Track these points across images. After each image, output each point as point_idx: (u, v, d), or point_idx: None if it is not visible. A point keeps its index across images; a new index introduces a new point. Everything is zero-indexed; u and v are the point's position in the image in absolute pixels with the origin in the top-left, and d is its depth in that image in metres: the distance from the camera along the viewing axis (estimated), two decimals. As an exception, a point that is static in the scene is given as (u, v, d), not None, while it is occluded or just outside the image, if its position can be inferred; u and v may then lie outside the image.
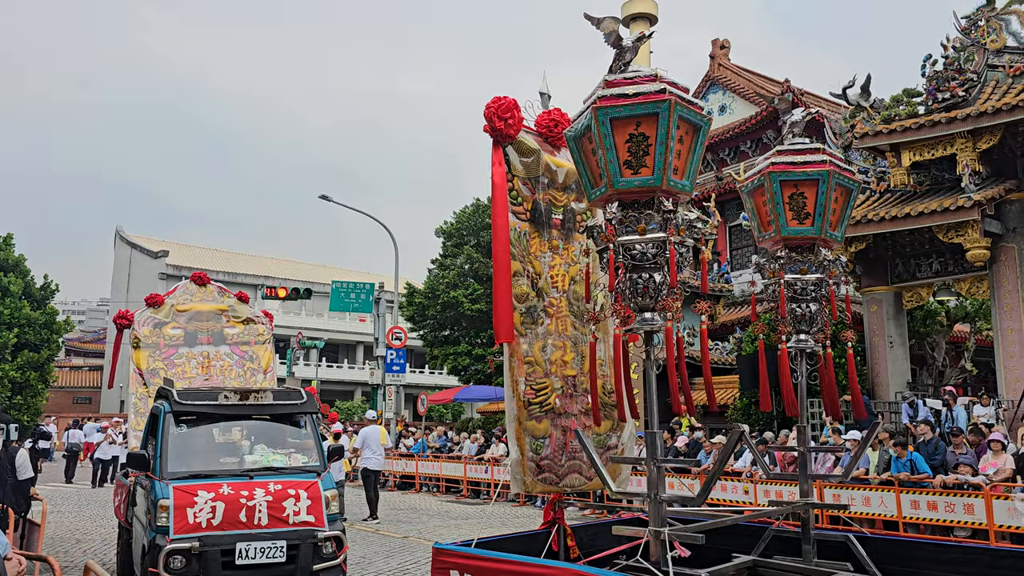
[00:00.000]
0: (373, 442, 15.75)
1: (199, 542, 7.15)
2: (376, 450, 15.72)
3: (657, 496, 3.81)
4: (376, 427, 16.40)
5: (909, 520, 11.11)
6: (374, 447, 15.71)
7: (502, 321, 4.78)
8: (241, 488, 7.52)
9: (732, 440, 3.73)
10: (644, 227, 3.82)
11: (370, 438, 15.80)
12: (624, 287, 3.87)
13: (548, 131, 5.38)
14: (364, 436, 15.98)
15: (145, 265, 53.10)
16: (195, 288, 11.64)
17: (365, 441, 15.84)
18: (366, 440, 15.83)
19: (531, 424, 5.10)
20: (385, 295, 27.14)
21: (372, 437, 15.82)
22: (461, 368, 32.82)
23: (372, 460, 15.58)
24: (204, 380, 10.71)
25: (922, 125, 14.89)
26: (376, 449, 15.73)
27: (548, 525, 5.34)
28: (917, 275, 16.36)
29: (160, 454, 7.83)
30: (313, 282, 48.56)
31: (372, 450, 15.64)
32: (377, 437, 15.92)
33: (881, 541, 5.01)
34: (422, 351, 40.64)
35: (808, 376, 5.19)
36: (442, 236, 35.77)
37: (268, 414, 8.56)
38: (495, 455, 19.40)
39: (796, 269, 4.95)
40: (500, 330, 4.77)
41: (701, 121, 3.88)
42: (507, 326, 4.82)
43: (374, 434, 15.92)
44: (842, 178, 4.80)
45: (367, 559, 11.05)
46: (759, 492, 13.04)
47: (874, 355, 16.61)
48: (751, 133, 28.36)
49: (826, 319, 5.09)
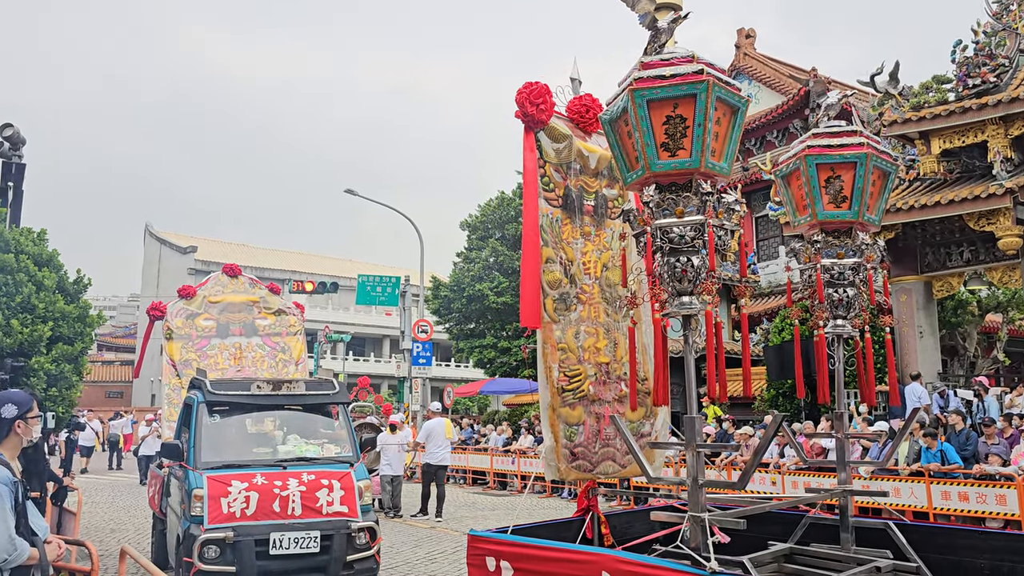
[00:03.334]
0: (438, 436, 14.57)
1: (233, 532, 7.21)
2: (441, 444, 14.57)
3: (697, 481, 3.78)
4: (441, 420, 15.10)
5: (940, 511, 10.99)
6: (439, 441, 14.55)
7: (528, 306, 4.77)
8: (275, 478, 7.58)
9: (774, 425, 3.70)
10: (682, 210, 3.79)
11: (435, 432, 14.60)
12: (662, 271, 3.84)
13: (580, 117, 5.36)
14: (429, 429, 14.76)
15: (174, 260, 53.75)
16: (227, 280, 11.74)
17: (430, 435, 14.63)
18: (431, 434, 14.63)
19: (565, 411, 5.09)
20: (411, 288, 27.22)
21: (437, 431, 14.61)
22: (487, 361, 32.84)
23: (437, 454, 14.48)
24: (236, 371, 10.81)
25: (952, 112, 14.67)
26: (441, 443, 14.57)
27: (582, 512, 5.33)
28: (947, 264, 16.12)
29: (194, 444, 7.90)
30: (339, 276, 48.72)
31: (437, 444, 14.52)
32: (442, 431, 14.69)
33: (922, 529, 4.95)
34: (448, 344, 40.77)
35: (845, 362, 5.13)
36: (467, 229, 35.77)
37: (300, 404, 8.61)
38: (522, 447, 19.43)
39: (833, 254, 4.89)
40: (526, 315, 4.75)
41: (739, 102, 3.84)
42: (533, 311, 4.80)
43: (439, 427, 14.68)
44: (880, 161, 4.73)
45: (395, 548, 11.11)
46: (787, 483, 12.95)
47: (904, 345, 16.40)
48: (777, 122, 28.10)
49: (863, 304, 5.03)
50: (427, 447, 14.78)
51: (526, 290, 4.79)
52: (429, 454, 14.64)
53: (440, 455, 14.54)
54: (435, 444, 14.54)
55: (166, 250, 55.99)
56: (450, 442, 15.39)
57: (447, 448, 14.98)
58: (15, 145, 10.96)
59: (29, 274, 9.72)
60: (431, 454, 14.57)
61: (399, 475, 14.94)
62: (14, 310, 9.42)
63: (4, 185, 10.82)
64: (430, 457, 14.56)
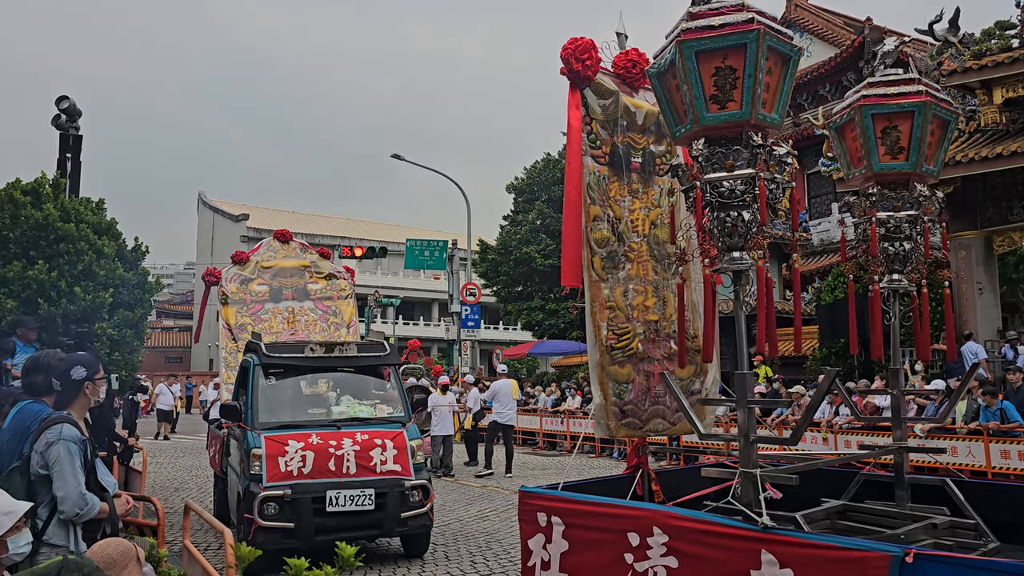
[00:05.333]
0: (505, 396, 15.40)
1: (291, 490, 7.42)
2: (508, 404, 15.39)
3: (748, 437, 3.76)
4: (508, 381, 15.94)
5: (999, 470, 10.78)
6: (505, 401, 15.36)
7: (570, 264, 4.75)
8: (330, 438, 7.75)
9: (827, 380, 3.65)
10: (732, 163, 3.72)
11: (502, 392, 15.45)
12: (712, 226, 3.79)
13: (626, 72, 5.27)
14: (496, 390, 15.65)
15: (227, 229, 54.72)
16: (278, 245, 11.92)
17: (497, 395, 15.51)
18: (498, 394, 15.50)
19: (614, 369, 5.09)
20: (458, 252, 27.35)
21: (504, 391, 15.46)
22: (535, 323, 32.95)
23: (504, 414, 15.29)
24: (290, 335, 11.02)
25: (1016, 59, 14.07)
26: (508, 403, 15.39)
27: (632, 470, 5.35)
28: (1009, 219, 15.58)
29: (251, 405, 8.11)
30: (387, 241, 49.23)
31: (503, 404, 15.34)
32: (509, 391, 15.52)
33: (980, 485, 4.87)
34: (496, 307, 40.93)
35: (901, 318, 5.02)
36: (513, 192, 35.71)
37: (353, 366, 8.76)
38: (570, 407, 19.52)
39: (889, 206, 4.76)
40: (567, 273, 4.74)
41: (791, 52, 3.74)
42: (574, 269, 4.78)
43: (506, 388, 15.52)
44: (939, 109, 4.58)
45: (447, 506, 11.31)
46: (840, 442, 12.82)
47: (962, 302, 15.97)
48: (830, 76, 27.27)
49: (920, 259, 4.90)
50: (495, 407, 15.61)
51: (567, 248, 4.77)
52: (496, 413, 15.50)
53: (508, 415, 15.39)
54: (502, 404, 15.39)
55: (219, 219, 57.01)
56: (516, 402, 16.14)
57: (513, 408, 15.80)
58: (72, 117, 11.19)
59: (89, 242, 9.97)
60: (498, 413, 15.42)
61: (450, 435, 15.33)
62: (76, 277, 9.70)
63: (63, 156, 11.09)
64: (497, 416, 15.42)
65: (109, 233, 10.68)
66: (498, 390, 15.60)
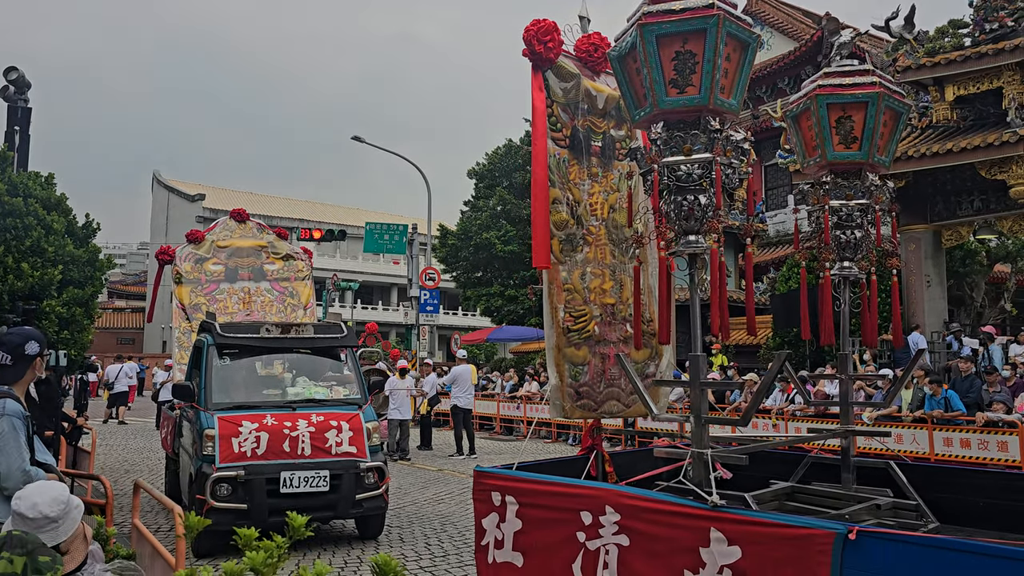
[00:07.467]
0: (464, 381, 16.25)
1: (244, 471, 7.35)
2: (467, 389, 16.21)
3: (700, 418, 3.83)
4: (467, 367, 16.85)
5: (941, 457, 11.11)
6: (464, 386, 16.19)
7: (540, 246, 4.77)
8: (284, 419, 7.70)
9: (777, 363, 3.72)
10: (690, 148, 3.76)
11: (461, 377, 16.29)
12: (669, 209, 3.83)
13: (588, 56, 5.28)
14: (456, 375, 16.48)
15: (183, 209, 53.74)
16: (235, 224, 11.74)
17: (456, 380, 16.35)
18: (457, 379, 16.34)
19: (570, 351, 5.12)
20: (418, 237, 27.20)
21: (463, 376, 16.30)
22: (494, 309, 32.96)
23: (463, 398, 16.06)
24: (246, 315, 10.88)
25: (968, 57, 14.41)
26: (467, 388, 16.22)
27: (586, 451, 5.40)
28: (957, 213, 15.99)
29: (204, 386, 8.01)
30: (347, 224, 48.77)
31: (462, 388, 16.15)
32: (468, 376, 16.40)
33: (922, 468, 5.01)
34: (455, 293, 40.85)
35: (850, 305, 5.13)
36: (474, 178, 35.61)
37: (309, 347, 8.70)
38: (528, 392, 19.62)
39: (842, 195, 4.85)
40: (538, 255, 4.76)
41: (749, 38, 3.78)
42: (544, 251, 4.80)
43: (465, 373, 16.38)
44: (892, 101, 4.67)
45: (403, 489, 11.32)
46: (790, 428, 13.09)
47: (910, 294, 16.37)
48: (789, 70, 27.69)
49: (871, 246, 5.01)
50: (454, 392, 16.38)
51: (537, 230, 4.78)
52: (455, 397, 16.21)
53: (467, 399, 16.10)
54: (461, 388, 16.16)
55: (174, 198, 55.94)
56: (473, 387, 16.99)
57: (471, 392, 16.60)
58: (20, 89, 10.89)
59: (38, 218, 9.75)
60: (457, 397, 16.12)
61: (407, 419, 15.41)
62: (24, 253, 9.47)
63: (10, 129, 10.79)
64: (457, 400, 16.11)
65: (59, 208, 10.45)
66: (458, 375, 16.36)
